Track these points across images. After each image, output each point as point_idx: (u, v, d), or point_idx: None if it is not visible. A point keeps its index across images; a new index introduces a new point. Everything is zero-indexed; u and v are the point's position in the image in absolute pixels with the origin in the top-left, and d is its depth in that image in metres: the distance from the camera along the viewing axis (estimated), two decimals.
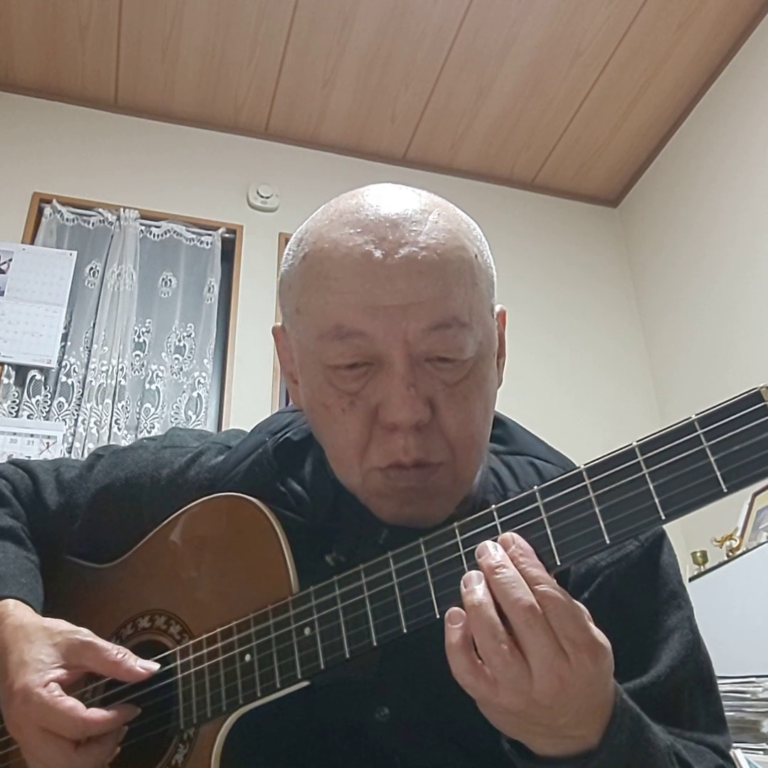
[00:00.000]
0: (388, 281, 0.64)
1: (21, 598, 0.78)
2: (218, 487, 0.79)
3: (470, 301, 0.67)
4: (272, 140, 3.24)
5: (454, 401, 0.66)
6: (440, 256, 0.65)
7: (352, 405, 0.66)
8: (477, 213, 0.74)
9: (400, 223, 0.66)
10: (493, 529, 0.59)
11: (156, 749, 0.72)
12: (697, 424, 0.53)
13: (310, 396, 0.70)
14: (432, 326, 0.64)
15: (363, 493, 0.69)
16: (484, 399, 0.69)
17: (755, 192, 2.76)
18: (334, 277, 0.65)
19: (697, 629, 0.74)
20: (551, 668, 0.52)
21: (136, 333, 2.70)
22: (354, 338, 0.65)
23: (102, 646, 0.72)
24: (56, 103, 3.03)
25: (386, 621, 0.61)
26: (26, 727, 0.69)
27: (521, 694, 0.53)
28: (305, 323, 0.68)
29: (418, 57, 2.93)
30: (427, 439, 0.65)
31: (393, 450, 0.65)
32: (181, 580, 0.78)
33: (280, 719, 0.68)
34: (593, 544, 0.55)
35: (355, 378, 0.66)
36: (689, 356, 3.01)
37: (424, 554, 0.61)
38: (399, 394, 0.64)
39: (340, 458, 0.69)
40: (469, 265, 0.67)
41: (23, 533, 0.87)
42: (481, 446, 0.71)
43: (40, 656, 0.71)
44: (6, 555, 0.83)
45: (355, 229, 0.66)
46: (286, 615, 0.67)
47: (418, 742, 0.69)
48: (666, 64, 2.98)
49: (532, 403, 2.66)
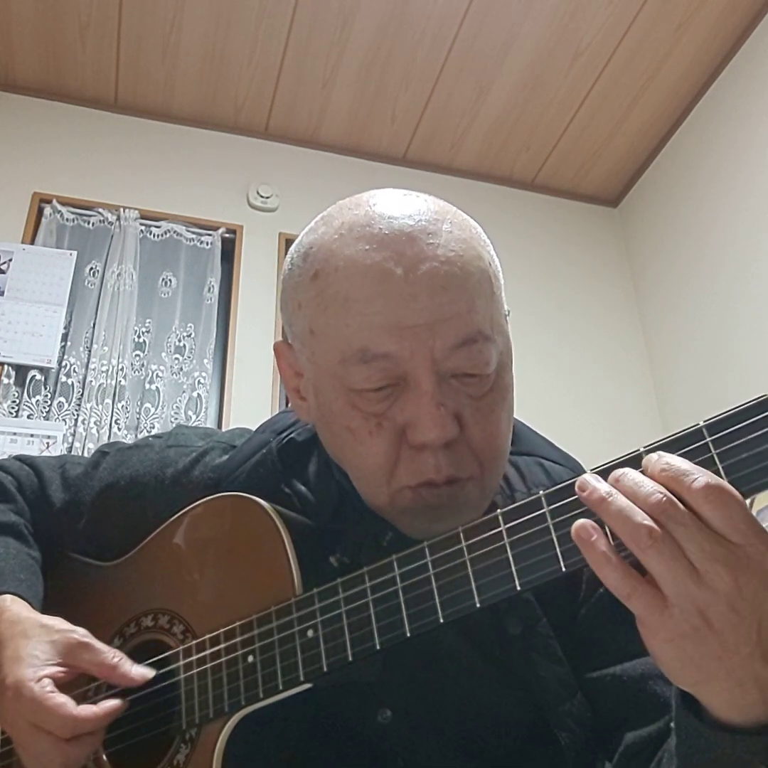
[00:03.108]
0: (412, 299, 0.62)
1: (19, 594, 0.78)
2: (222, 486, 0.79)
3: (491, 312, 0.66)
4: (272, 140, 3.23)
5: (481, 415, 0.66)
6: (461, 269, 0.64)
7: (378, 427, 0.65)
8: (477, 213, 0.73)
9: (416, 236, 0.64)
10: (498, 534, 0.58)
11: (158, 749, 0.72)
12: (706, 431, 0.52)
13: (330, 418, 0.68)
14: (459, 343, 0.63)
15: (391, 511, 0.68)
16: (507, 409, 0.69)
17: (755, 192, 2.76)
18: (354, 298, 0.64)
19: None
20: (717, 562, 0.47)
21: (136, 333, 2.70)
22: (379, 361, 0.63)
23: (98, 648, 0.72)
24: (56, 103, 3.02)
25: (389, 624, 0.61)
26: (18, 723, 0.69)
27: (691, 600, 0.47)
28: (323, 345, 0.66)
29: (418, 57, 2.93)
30: (456, 454, 0.65)
31: (424, 469, 0.64)
32: (184, 579, 0.78)
33: (282, 720, 0.68)
34: None
35: (381, 399, 0.65)
36: (689, 356, 3.01)
37: (429, 558, 0.61)
38: (429, 415, 0.62)
39: (367, 479, 0.68)
40: (487, 275, 0.67)
41: (26, 530, 0.87)
42: (506, 456, 0.70)
43: (35, 652, 0.71)
44: (7, 551, 0.83)
45: (371, 245, 0.64)
46: (289, 617, 0.67)
47: (421, 745, 0.69)
48: (666, 64, 2.97)
49: (533, 404, 2.65)
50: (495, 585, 0.58)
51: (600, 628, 0.72)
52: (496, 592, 0.57)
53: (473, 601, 0.58)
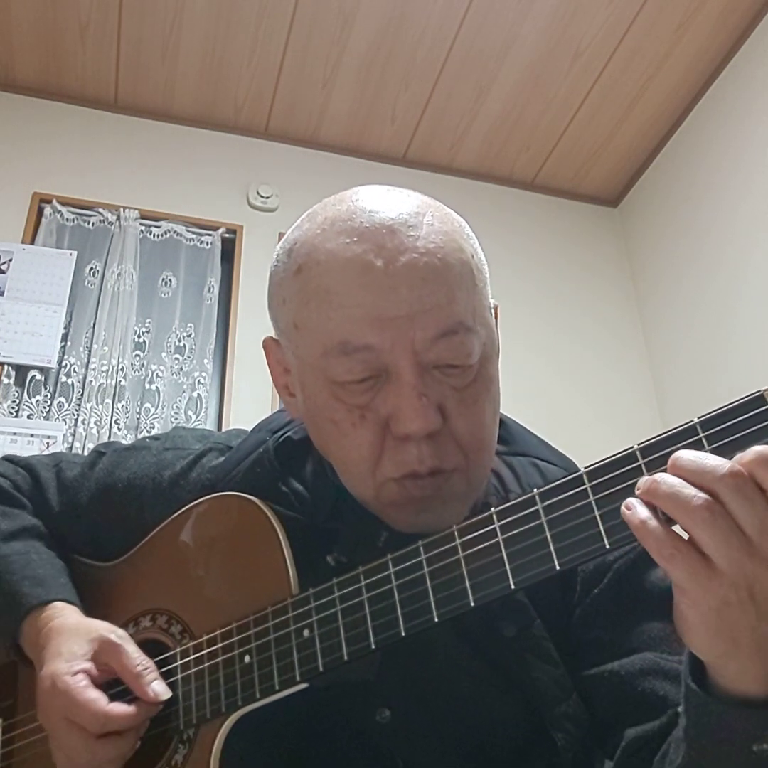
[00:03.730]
0: (393, 291, 0.63)
1: (67, 599, 0.80)
2: (219, 487, 0.79)
3: (473, 304, 0.66)
4: (272, 140, 3.23)
5: (464, 406, 0.66)
6: (441, 260, 0.64)
7: (362, 418, 0.65)
8: (477, 213, 0.74)
9: (397, 229, 0.64)
10: (492, 532, 0.58)
11: (155, 749, 0.72)
12: (699, 427, 0.52)
13: (315, 412, 0.69)
14: (439, 334, 0.64)
15: (377, 504, 0.69)
16: (492, 400, 0.69)
17: (754, 191, 2.76)
18: (335, 291, 0.64)
19: None
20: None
21: (136, 333, 2.70)
22: (361, 353, 0.64)
23: (127, 652, 0.72)
24: (56, 103, 3.02)
25: (385, 624, 0.61)
26: (53, 715, 0.70)
27: (743, 572, 0.48)
28: (306, 339, 0.67)
29: (418, 57, 2.93)
30: (440, 445, 0.65)
31: (407, 460, 0.64)
32: (182, 579, 0.78)
33: (280, 720, 0.68)
34: (593, 548, 0.54)
35: (364, 391, 0.65)
36: (687, 355, 3.02)
37: (423, 557, 0.61)
38: (411, 406, 0.63)
39: (352, 472, 0.68)
40: (468, 267, 0.67)
41: (44, 531, 0.88)
42: (492, 448, 0.71)
43: (74, 648, 0.72)
44: (40, 556, 0.84)
45: (351, 238, 0.64)
46: (285, 617, 0.67)
47: (420, 744, 0.69)
48: (666, 64, 2.97)
49: (535, 402, 2.66)
50: (489, 584, 0.58)
51: (596, 627, 0.72)
52: (490, 590, 0.58)
53: (467, 600, 0.58)
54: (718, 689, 0.52)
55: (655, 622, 0.68)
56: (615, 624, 0.70)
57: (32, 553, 0.84)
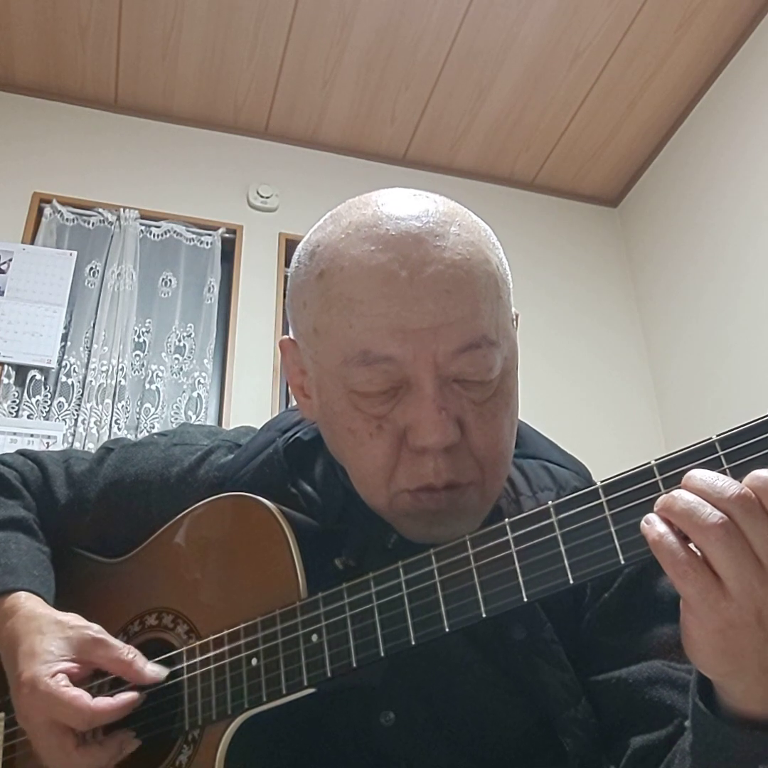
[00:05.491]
0: (417, 302, 0.62)
1: (33, 590, 0.79)
2: (228, 485, 0.79)
3: (496, 316, 0.65)
4: (272, 140, 3.23)
5: (483, 420, 0.65)
6: (467, 272, 0.63)
7: (379, 429, 0.65)
8: (477, 213, 0.73)
9: (423, 238, 0.63)
10: (506, 543, 0.58)
11: (160, 749, 0.72)
12: (718, 444, 0.52)
13: (331, 418, 0.68)
14: (462, 348, 0.63)
15: (390, 513, 0.68)
16: (510, 414, 0.68)
17: (753, 191, 2.77)
18: (358, 299, 0.63)
19: None
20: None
21: (136, 333, 2.70)
22: (382, 363, 0.63)
23: (113, 645, 0.72)
24: (56, 103, 3.02)
25: (395, 632, 0.61)
26: (34, 718, 0.69)
27: (753, 596, 0.47)
28: (326, 345, 0.66)
29: (418, 57, 2.93)
30: (457, 459, 0.64)
31: (423, 473, 0.64)
32: (189, 579, 0.78)
33: (285, 723, 0.68)
34: (607, 563, 0.54)
35: (383, 402, 0.64)
36: (687, 354, 3.02)
37: (435, 566, 0.61)
38: (430, 419, 0.62)
39: (367, 481, 0.68)
40: (494, 279, 0.66)
41: (35, 524, 0.87)
42: (509, 462, 0.70)
43: (50, 648, 0.71)
44: (18, 546, 0.83)
45: (377, 246, 0.63)
46: (293, 621, 0.66)
47: (424, 748, 0.68)
48: (666, 64, 2.97)
49: (535, 401, 2.65)
50: (502, 596, 0.57)
51: (605, 632, 0.71)
52: (502, 602, 0.57)
53: (479, 612, 0.58)
54: (725, 708, 0.52)
55: (665, 628, 0.68)
56: (624, 629, 0.70)
57: (12, 542, 0.83)
